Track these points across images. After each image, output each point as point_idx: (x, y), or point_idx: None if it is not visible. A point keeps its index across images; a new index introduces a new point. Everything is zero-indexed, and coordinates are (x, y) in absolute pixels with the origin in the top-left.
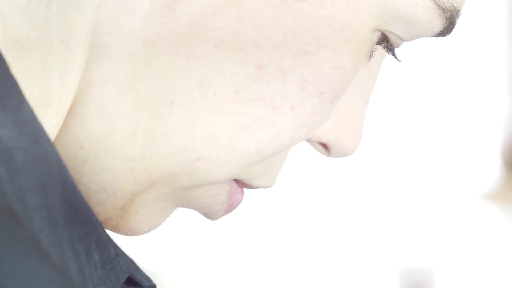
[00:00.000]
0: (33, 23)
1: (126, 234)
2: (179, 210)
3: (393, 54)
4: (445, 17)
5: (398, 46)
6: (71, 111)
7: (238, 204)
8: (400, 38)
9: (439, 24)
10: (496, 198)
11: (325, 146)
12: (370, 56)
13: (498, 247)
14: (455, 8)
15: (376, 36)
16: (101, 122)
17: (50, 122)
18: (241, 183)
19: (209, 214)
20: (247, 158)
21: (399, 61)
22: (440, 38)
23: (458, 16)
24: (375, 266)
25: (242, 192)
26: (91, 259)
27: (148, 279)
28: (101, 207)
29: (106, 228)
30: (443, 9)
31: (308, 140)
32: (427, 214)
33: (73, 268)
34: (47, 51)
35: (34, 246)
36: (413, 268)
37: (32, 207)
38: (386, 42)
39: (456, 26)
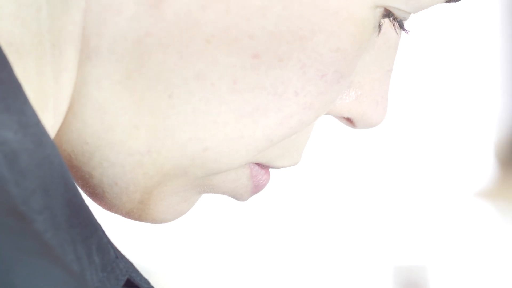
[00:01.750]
0: (25, 28)
1: (151, 223)
2: None
3: (401, 27)
4: None
5: (405, 19)
6: (71, 110)
7: (264, 184)
8: (404, 11)
9: None
10: (490, 196)
11: (349, 120)
12: (379, 31)
13: (492, 245)
14: None
15: (379, 12)
16: (100, 119)
17: (47, 123)
18: (262, 165)
19: (236, 197)
20: (256, 144)
21: (407, 32)
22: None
23: None
24: (369, 264)
25: (267, 172)
26: (92, 261)
27: (146, 281)
28: (117, 200)
29: (130, 219)
30: None
31: (332, 115)
32: (421, 211)
33: (75, 270)
34: (41, 54)
35: (45, 248)
36: (407, 266)
37: (35, 209)
38: (391, 16)
39: None
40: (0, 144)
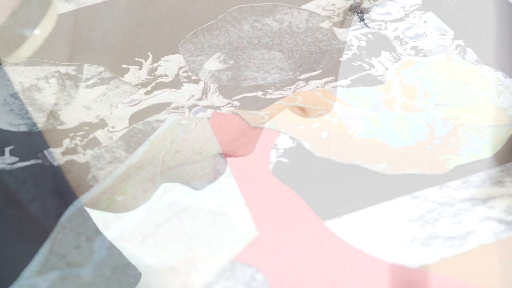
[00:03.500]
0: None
1: (116, 212)
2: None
3: (363, 21)
4: None
5: (368, 12)
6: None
7: (222, 174)
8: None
9: None
10: None
11: None
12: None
13: None
14: None
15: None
16: (86, 114)
17: (36, 115)
18: (225, 155)
19: (196, 187)
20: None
21: (369, 28)
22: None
23: None
24: (366, 264)
25: (226, 162)
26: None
27: (133, 267)
28: (90, 193)
29: (97, 209)
30: None
31: None
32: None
33: None
34: None
35: (45, 234)
36: (404, 266)
37: (27, 198)
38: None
39: None
40: None
